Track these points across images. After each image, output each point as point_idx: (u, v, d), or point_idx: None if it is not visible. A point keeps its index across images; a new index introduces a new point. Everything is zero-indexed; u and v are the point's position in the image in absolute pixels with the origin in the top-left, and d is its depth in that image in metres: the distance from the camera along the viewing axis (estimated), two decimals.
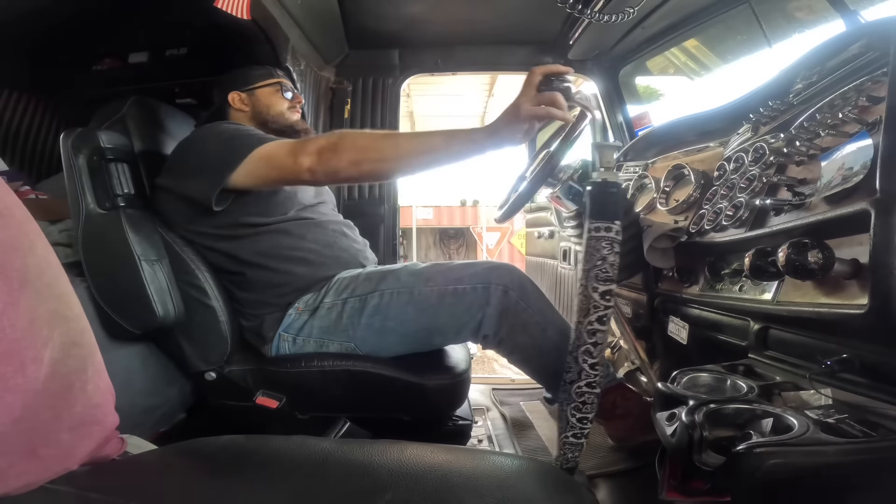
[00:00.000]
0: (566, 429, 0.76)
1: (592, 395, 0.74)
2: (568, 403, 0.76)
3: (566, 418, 0.76)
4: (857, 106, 0.64)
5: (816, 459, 0.49)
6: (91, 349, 0.47)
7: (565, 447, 0.77)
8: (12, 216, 0.41)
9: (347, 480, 0.42)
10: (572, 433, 0.75)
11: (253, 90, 1.21)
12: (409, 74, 1.88)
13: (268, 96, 1.21)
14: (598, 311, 0.72)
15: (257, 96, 1.21)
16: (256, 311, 1.05)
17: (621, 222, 0.73)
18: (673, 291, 0.97)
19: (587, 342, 0.72)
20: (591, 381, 0.73)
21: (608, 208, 0.73)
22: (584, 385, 0.73)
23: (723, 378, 0.70)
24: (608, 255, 0.72)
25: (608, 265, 0.72)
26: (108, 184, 0.96)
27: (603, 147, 0.76)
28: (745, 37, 1.53)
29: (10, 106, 1.49)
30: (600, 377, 0.75)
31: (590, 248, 0.73)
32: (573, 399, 0.74)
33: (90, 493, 0.41)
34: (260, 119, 1.20)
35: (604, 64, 1.79)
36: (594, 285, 0.72)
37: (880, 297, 0.50)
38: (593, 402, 0.75)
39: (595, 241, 0.72)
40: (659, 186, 1.07)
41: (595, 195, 0.75)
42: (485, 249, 8.01)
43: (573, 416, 0.74)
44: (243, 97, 1.21)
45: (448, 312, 0.97)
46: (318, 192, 1.23)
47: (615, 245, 0.72)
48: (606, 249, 0.72)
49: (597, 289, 0.71)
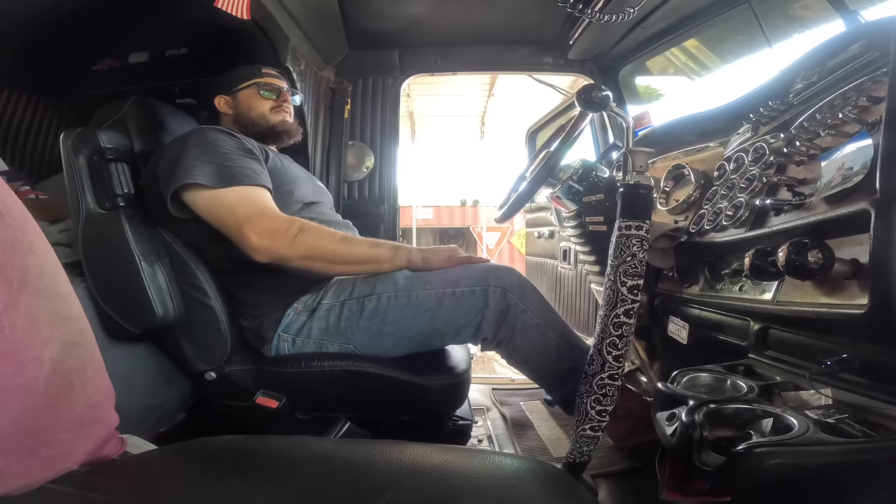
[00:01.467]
0: (584, 421, 0.78)
1: (613, 388, 0.77)
2: (588, 396, 0.77)
3: (585, 411, 0.77)
4: (857, 106, 0.64)
5: (816, 459, 0.49)
6: (91, 349, 0.47)
7: (581, 440, 0.78)
8: (12, 216, 0.41)
9: (347, 480, 0.42)
10: (590, 426, 0.78)
11: (236, 93, 1.20)
12: (409, 74, 1.88)
13: (248, 98, 1.20)
14: (626, 305, 0.76)
15: (239, 99, 1.20)
16: (256, 311, 1.05)
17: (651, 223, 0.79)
18: (673, 291, 0.97)
19: (613, 334, 0.75)
20: (614, 374, 0.76)
21: (639, 209, 0.78)
22: (607, 377, 0.76)
23: (723, 378, 0.70)
24: (637, 252, 0.77)
25: (637, 261, 0.76)
26: (108, 184, 0.96)
27: (636, 152, 0.80)
28: (745, 37, 1.53)
29: (10, 106, 1.49)
30: (623, 370, 0.77)
31: (620, 244, 0.78)
32: (594, 391, 0.77)
33: (90, 493, 0.41)
34: (241, 122, 1.20)
35: (604, 64, 1.79)
36: (623, 279, 0.76)
37: (880, 297, 0.50)
38: (614, 395, 0.77)
39: (625, 239, 0.77)
40: (659, 186, 1.07)
41: (627, 196, 0.79)
42: (485, 249, 8.00)
43: (593, 408, 0.77)
44: (228, 100, 1.21)
45: (446, 315, 0.97)
46: (316, 191, 1.23)
47: (644, 243, 0.77)
48: (636, 247, 0.77)
49: (625, 283, 0.76)
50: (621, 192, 0.80)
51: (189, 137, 1.01)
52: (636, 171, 0.79)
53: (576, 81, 2.77)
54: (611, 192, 1.06)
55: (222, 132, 1.06)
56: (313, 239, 0.95)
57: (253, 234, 0.91)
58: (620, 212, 0.79)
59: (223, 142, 1.02)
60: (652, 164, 1.22)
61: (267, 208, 0.97)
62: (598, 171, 1.08)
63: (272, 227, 0.92)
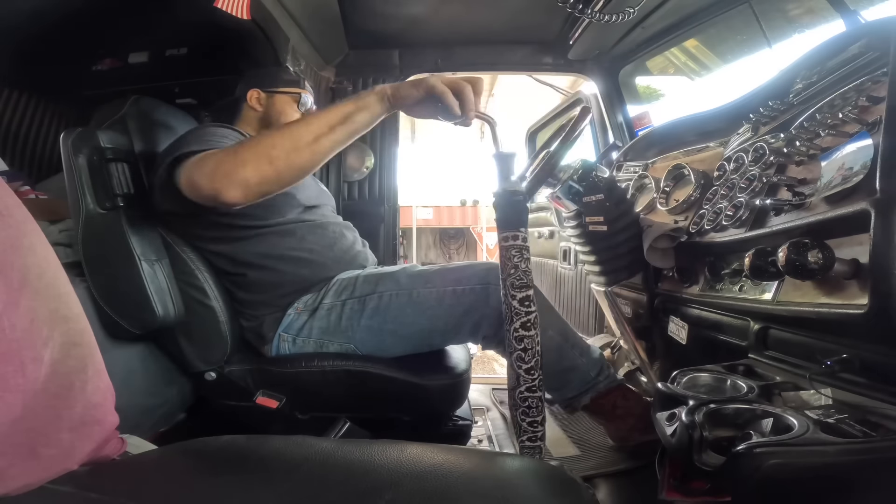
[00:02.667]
0: (520, 433, 0.76)
1: (535, 399, 0.74)
2: (516, 409, 0.75)
3: (517, 423, 0.75)
4: (857, 106, 0.64)
5: (816, 459, 0.49)
6: (91, 349, 0.47)
7: (524, 451, 0.77)
8: (12, 216, 0.41)
9: (347, 480, 0.42)
10: (527, 437, 0.76)
11: (273, 93, 1.17)
12: (409, 74, 1.88)
13: (283, 104, 1.18)
14: (521, 318, 0.72)
15: (274, 101, 1.17)
16: (256, 311, 1.05)
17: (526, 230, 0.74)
18: (673, 291, 0.97)
19: (517, 348, 0.73)
20: (531, 386, 0.74)
21: (512, 217, 0.74)
22: (525, 390, 0.74)
23: (723, 378, 0.70)
24: (520, 263, 0.72)
25: (521, 272, 0.72)
26: (108, 184, 0.96)
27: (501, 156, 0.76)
28: (745, 37, 1.53)
29: (10, 106, 1.49)
30: (539, 379, 0.74)
31: (503, 257, 0.74)
32: (518, 404, 0.74)
33: (90, 493, 0.41)
34: (267, 124, 1.16)
35: (604, 64, 1.79)
36: (512, 293, 0.72)
37: (880, 297, 0.50)
38: (538, 406, 0.75)
39: (506, 251, 0.73)
40: (659, 186, 1.08)
41: (499, 205, 0.75)
42: (485, 249, 8.01)
43: (523, 420, 0.75)
44: (262, 97, 1.17)
45: (447, 314, 0.97)
46: (319, 195, 1.22)
47: (524, 252, 0.73)
48: (517, 258, 0.72)
49: (515, 296, 0.72)
50: (493, 203, 0.75)
51: (189, 131, 1.00)
52: (504, 176, 0.75)
53: (576, 81, 2.77)
54: (611, 193, 1.06)
55: (224, 127, 1.04)
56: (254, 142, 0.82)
57: (203, 182, 0.80)
58: (497, 223, 0.75)
59: (222, 132, 0.98)
60: (652, 164, 1.22)
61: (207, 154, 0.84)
62: (598, 171, 1.08)
63: (212, 167, 0.81)
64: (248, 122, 1.18)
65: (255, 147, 0.81)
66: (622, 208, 1.07)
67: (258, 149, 0.80)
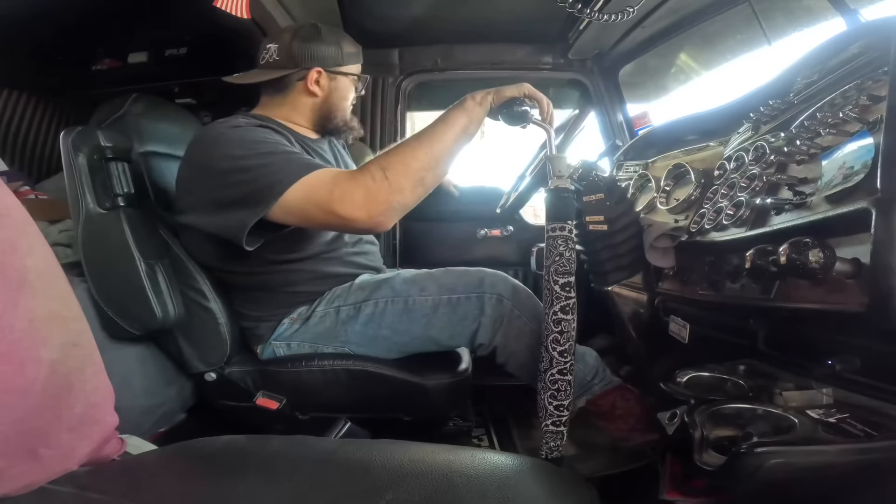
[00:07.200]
0: (545, 417, 0.81)
1: (565, 382, 0.80)
2: (544, 392, 0.81)
3: (544, 407, 0.80)
4: (858, 105, 0.64)
5: (817, 459, 0.49)
6: (90, 349, 0.47)
7: (547, 436, 0.81)
8: (12, 216, 0.41)
9: (348, 480, 0.42)
10: (551, 421, 0.81)
11: (338, 75, 0.99)
12: (409, 74, 1.88)
13: (347, 89, 1.02)
14: (561, 302, 0.80)
15: (338, 82, 1.00)
16: (254, 314, 1.05)
17: (574, 222, 0.84)
18: (674, 291, 0.97)
19: (554, 331, 0.80)
20: (563, 369, 0.80)
21: (561, 211, 0.83)
22: (556, 372, 0.80)
23: (723, 378, 0.70)
24: (564, 252, 0.81)
25: (565, 260, 0.81)
26: (109, 183, 0.95)
27: (555, 158, 0.85)
28: (745, 36, 1.53)
29: (10, 106, 1.49)
30: (571, 363, 0.80)
31: (549, 246, 0.82)
32: (548, 387, 0.80)
33: (90, 493, 0.41)
34: (328, 111, 1.02)
35: (604, 64, 1.79)
36: (555, 278, 0.81)
37: (881, 296, 0.50)
38: (567, 390, 0.80)
39: (552, 240, 0.81)
40: (659, 186, 1.07)
41: (551, 200, 0.84)
42: None
43: (550, 403, 0.80)
44: (324, 79, 0.98)
45: (442, 322, 0.97)
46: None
47: (569, 242, 0.81)
48: (563, 246, 0.81)
49: (557, 281, 0.80)
50: (545, 198, 0.85)
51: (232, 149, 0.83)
52: (556, 175, 0.84)
53: None
54: (611, 192, 1.06)
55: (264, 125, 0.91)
56: (401, 167, 0.78)
57: (359, 215, 0.76)
58: (546, 215, 0.83)
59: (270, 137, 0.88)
60: (652, 164, 1.22)
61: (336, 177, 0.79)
62: (598, 170, 1.07)
63: (362, 198, 0.76)
64: (300, 110, 1.02)
65: (406, 170, 0.79)
66: (622, 207, 1.07)
67: (408, 173, 0.79)
